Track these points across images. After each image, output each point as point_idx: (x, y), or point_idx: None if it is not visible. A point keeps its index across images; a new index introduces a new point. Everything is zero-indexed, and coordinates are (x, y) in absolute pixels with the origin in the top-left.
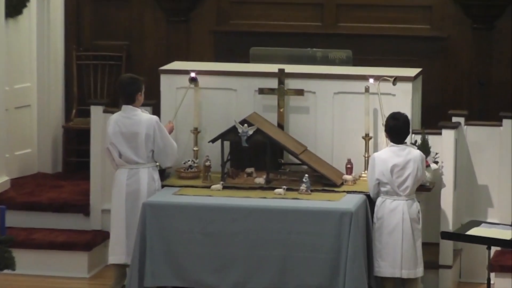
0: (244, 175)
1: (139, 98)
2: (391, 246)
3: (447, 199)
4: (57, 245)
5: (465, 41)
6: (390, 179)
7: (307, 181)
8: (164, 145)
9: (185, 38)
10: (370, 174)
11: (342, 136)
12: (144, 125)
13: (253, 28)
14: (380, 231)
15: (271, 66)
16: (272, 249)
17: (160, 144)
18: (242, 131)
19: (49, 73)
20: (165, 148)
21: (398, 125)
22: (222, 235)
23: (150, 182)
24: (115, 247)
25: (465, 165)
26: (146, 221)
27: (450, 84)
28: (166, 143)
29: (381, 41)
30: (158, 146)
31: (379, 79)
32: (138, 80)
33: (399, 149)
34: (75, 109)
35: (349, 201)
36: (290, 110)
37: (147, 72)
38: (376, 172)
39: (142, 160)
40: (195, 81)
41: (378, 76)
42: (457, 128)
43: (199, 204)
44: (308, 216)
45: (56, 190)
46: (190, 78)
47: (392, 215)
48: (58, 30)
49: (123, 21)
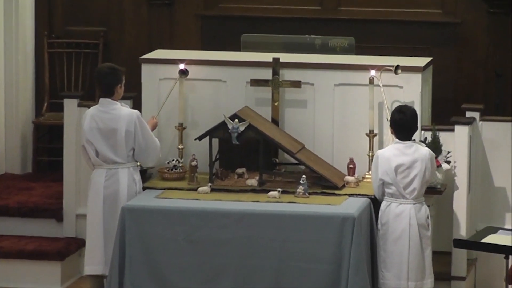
0: (234, 176)
1: (118, 90)
2: (397, 255)
3: (460, 203)
4: (27, 254)
5: (481, 27)
6: (394, 179)
7: (304, 183)
8: (146, 143)
9: (168, 24)
10: (374, 174)
11: (343, 132)
12: (123, 120)
13: (244, 12)
14: (385, 238)
15: (265, 55)
16: (265, 259)
17: (142, 142)
18: (233, 127)
19: (17, 62)
20: (147, 146)
21: (404, 119)
22: (209, 243)
23: (131, 183)
24: (91, 256)
25: (480, 165)
26: (125, 227)
27: (463, 75)
28: (148, 141)
29: (387, 27)
30: (139, 144)
31: (381, 69)
32: (118, 71)
33: (405, 146)
34: (47, 103)
35: (352, 205)
36: (285, 104)
37: (127, 61)
38: (379, 172)
39: (121, 160)
40: (186, 74)
41: (380, 67)
42: (471, 124)
43: (184, 208)
44: (306, 222)
45: (26, 193)
46: (180, 70)
47: (397, 221)
48: (27, 14)
49: (100, 5)
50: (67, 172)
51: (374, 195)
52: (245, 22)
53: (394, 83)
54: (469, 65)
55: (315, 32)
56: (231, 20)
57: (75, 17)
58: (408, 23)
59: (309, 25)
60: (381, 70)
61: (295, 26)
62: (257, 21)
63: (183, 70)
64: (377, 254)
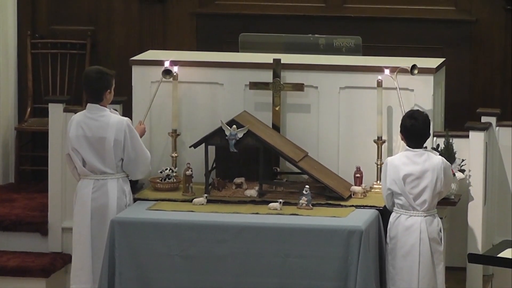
0: (232, 187)
1: (107, 96)
2: (406, 272)
3: (476, 214)
4: (9, 271)
5: (498, 26)
6: (403, 189)
7: (307, 194)
8: (136, 154)
9: (161, 22)
10: (383, 183)
11: (349, 139)
12: (112, 128)
13: (242, 10)
14: (394, 253)
15: (265, 56)
16: (266, 275)
17: (131, 153)
18: (230, 134)
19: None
20: (136, 157)
21: (416, 125)
22: (205, 259)
23: (120, 196)
24: (78, 274)
25: (497, 174)
26: (115, 241)
27: (479, 77)
28: (138, 152)
29: (396, 25)
30: (128, 155)
31: (396, 70)
32: (107, 75)
33: (415, 154)
34: (30, 108)
35: (358, 217)
36: (287, 109)
37: (116, 63)
38: (388, 181)
39: (110, 170)
40: (170, 74)
41: (394, 68)
42: (487, 129)
43: (178, 221)
44: (309, 236)
45: (7, 205)
46: (163, 70)
47: (407, 234)
48: (9, 12)
49: (87, 2)
50: (52, 183)
51: (383, 206)
52: (244, 20)
53: (404, 86)
54: (485, 66)
55: (319, 31)
56: (228, 18)
57: (60, 15)
58: (419, 21)
59: (313, 23)
60: (396, 71)
61: (297, 24)
62: (257, 20)
63: (167, 70)
64: (385, 270)
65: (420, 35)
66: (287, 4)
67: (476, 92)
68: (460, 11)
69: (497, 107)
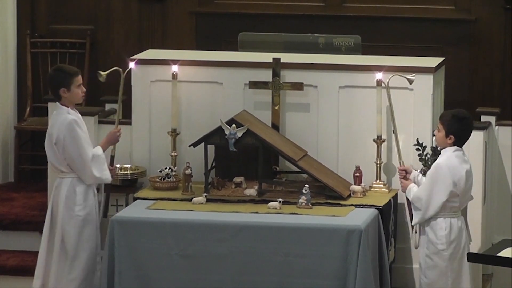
0: (232, 186)
1: (63, 94)
2: (465, 271)
3: (475, 214)
4: (8, 270)
5: (497, 25)
6: (463, 189)
7: (307, 193)
8: (73, 157)
9: (160, 21)
10: (440, 187)
11: (349, 138)
12: (56, 127)
13: (242, 9)
14: (454, 257)
15: (264, 55)
16: (265, 275)
17: (71, 154)
18: (230, 133)
19: None
20: (74, 161)
21: (471, 125)
22: (205, 258)
23: (70, 195)
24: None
25: (496, 173)
26: (114, 241)
27: (478, 76)
28: (74, 155)
29: (396, 24)
30: (69, 157)
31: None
32: (61, 73)
33: (463, 153)
34: (29, 107)
35: (358, 216)
36: (286, 108)
37: (115, 62)
38: (450, 183)
39: (65, 169)
40: None
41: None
42: (486, 129)
43: (177, 220)
44: (309, 235)
45: (7, 204)
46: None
47: (460, 236)
48: (8, 11)
49: (87, 1)
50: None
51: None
52: (243, 19)
53: (403, 85)
54: (485, 65)
55: (318, 31)
56: (228, 17)
57: (59, 14)
58: (418, 20)
59: (312, 22)
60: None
61: (296, 23)
62: (256, 19)
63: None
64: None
65: (420, 34)
66: (287, 4)
67: (476, 91)
68: (459, 10)
69: (497, 106)
